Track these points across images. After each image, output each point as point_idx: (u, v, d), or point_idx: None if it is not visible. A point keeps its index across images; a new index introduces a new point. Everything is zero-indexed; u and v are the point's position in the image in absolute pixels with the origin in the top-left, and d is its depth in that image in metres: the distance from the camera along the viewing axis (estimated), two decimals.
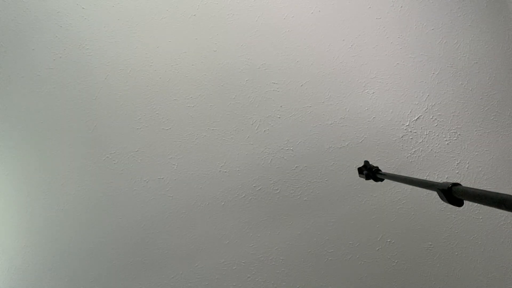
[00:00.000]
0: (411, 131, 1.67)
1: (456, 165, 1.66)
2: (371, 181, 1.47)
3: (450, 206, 1.61)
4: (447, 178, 1.65)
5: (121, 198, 1.63)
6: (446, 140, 1.66)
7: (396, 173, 1.46)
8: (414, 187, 1.62)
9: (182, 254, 1.63)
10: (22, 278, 1.60)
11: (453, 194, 0.64)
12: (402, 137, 1.67)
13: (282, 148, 1.66)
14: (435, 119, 1.67)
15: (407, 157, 1.66)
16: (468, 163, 1.66)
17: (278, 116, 1.66)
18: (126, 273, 1.61)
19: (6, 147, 1.61)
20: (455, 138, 1.66)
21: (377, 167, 1.14)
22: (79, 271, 1.61)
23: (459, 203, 0.64)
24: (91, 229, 1.62)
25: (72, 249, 1.61)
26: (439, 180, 0.68)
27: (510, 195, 0.49)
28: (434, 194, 0.71)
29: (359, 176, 1.24)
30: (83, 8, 1.63)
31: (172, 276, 1.62)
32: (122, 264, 1.61)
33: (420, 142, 1.67)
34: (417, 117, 1.67)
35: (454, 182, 0.65)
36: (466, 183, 1.64)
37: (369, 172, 1.14)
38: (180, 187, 1.64)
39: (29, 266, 1.60)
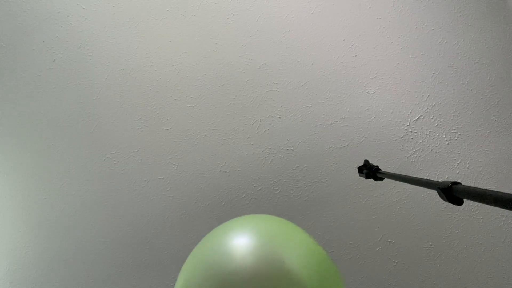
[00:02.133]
0: (411, 131, 1.67)
1: (457, 165, 1.66)
2: (371, 181, 1.47)
3: (451, 206, 1.61)
4: (447, 178, 1.65)
5: (121, 198, 1.63)
6: (446, 140, 1.66)
7: (396, 173, 1.46)
8: (415, 187, 1.62)
9: (182, 254, 1.62)
10: (22, 278, 1.60)
11: (453, 193, 0.63)
12: (402, 137, 1.66)
13: (282, 148, 1.66)
14: (436, 119, 1.67)
15: (408, 157, 1.66)
16: (468, 163, 1.66)
17: (279, 116, 1.66)
18: (126, 273, 1.61)
19: (6, 147, 1.62)
20: (455, 138, 1.66)
21: (377, 166, 1.14)
22: (79, 271, 1.61)
23: (459, 202, 0.64)
24: (92, 229, 1.62)
25: (72, 249, 1.61)
26: (440, 180, 0.68)
27: (510, 194, 0.49)
28: (435, 194, 0.71)
29: (359, 175, 1.24)
30: (83, 8, 1.63)
31: (173, 276, 1.62)
32: (123, 264, 1.61)
33: (420, 142, 1.66)
34: (417, 117, 1.67)
35: (454, 181, 0.65)
36: (466, 183, 1.64)
37: (369, 171, 1.14)
38: (181, 187, 1.64)
39: (29, 266, 1.60)
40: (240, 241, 0.76)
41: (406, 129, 1.67)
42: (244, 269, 0.67)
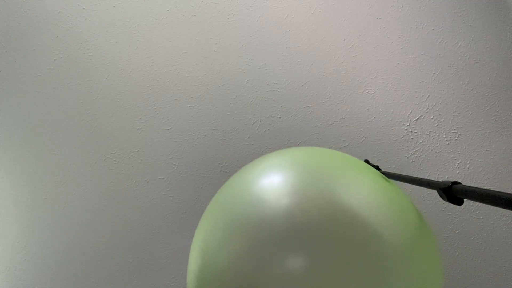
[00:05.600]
0: (411, 131, 1.67)
1: (457, 165, 1.66)
2: None
3: (451, 206, 1.61)
4: (447, 178, 1.65)
5: (121, 198, 1.63)
6: (446, 140, 1.66)
7: (396, 173, 1.46)
8: (414, 187, 1.62)
9: (182, 254, 1.62)
10: (22, 278, 1.60)
11: (453, 192, 0.63)
12: (402, 137, 1.66)
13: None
14: (436, 119, 1.67)
15: (408, 157, 1.66)
16: (468, 163, 1.66)
17: (279, 116, 1.66)
18: (126, 273, 1.61)
19: (6, 147, 1.62)
20: (455, 138, 1.66)
21: (377, 166, 1.14)
22: (79, 271, 1.61)
23: (459, 202, 0.64)
24: (92, 229, 1.62)
25: (72, 249, 1.61)
26: (440, 180, 0.68)
27: (510, 194, 0.49)
28: (434, 194, 0.71)
29: None
30: (84, 8, 1.63)
31: (173, 276, 1.62)
32: (123, 264, 1.62)
33: (420, 142, 1.66)
34: (417, 117, 1.67)
35: (454, 181, 0.65)
36: (467, 183, 1.64)
37: None
38: (181, 187, 1.64)
39: (29, 266, 1.60)
40: (274, 179, 0.54)
41: (406, 129, 1.67)
42: (280, 217, 0.47)
